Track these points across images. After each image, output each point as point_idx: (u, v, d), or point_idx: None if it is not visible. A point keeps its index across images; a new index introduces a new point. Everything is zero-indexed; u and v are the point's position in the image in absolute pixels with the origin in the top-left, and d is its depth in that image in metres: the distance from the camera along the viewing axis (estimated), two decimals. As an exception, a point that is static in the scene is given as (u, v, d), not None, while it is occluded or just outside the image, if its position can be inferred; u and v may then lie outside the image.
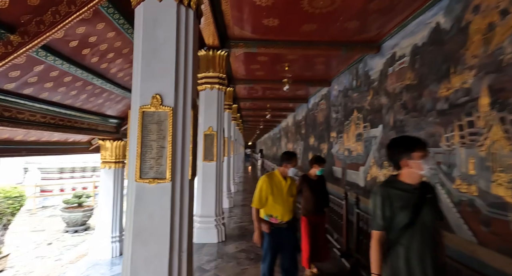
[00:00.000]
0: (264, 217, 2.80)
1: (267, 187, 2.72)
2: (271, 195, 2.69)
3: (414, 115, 4.15)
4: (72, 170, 12.11)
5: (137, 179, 2.04)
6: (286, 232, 2.77)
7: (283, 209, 2.72)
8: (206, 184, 5.20)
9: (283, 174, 2.82)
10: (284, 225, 2.75)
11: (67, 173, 11.93)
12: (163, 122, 2.10)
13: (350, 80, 6.90)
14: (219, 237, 5.10)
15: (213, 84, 5.32)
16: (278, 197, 2.71)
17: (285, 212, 2.74)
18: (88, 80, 3.30)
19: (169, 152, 2.08)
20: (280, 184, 2.77)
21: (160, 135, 2.09)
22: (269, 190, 2.70)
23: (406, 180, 1.65)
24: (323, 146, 9.20)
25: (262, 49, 5.46)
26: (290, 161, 2.79)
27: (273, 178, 2.78)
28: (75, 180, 11.94)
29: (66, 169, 11.88)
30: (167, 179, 2.06)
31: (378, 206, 1.63)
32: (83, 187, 11.46)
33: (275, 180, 2.78)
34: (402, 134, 4.39)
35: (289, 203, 2.78)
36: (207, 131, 5.24)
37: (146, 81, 2.10)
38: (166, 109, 2.09)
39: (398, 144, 1.71)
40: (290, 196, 2.79)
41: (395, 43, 4.72)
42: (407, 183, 1.64)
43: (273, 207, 2.71)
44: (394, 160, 1.71)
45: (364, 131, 6.05)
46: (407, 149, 1.63)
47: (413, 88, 4.18)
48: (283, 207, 2.72)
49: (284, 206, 2.72)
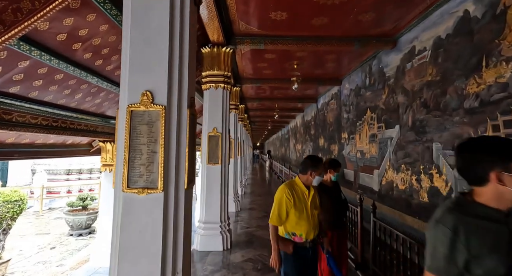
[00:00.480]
0: (284, 236, 2.33)
1: (288, 199, 2.25)
2: (293, 209, 2.24)
3: (436, 115, 3.78)
4: (79, 171, 12.07)
5: (124, 189, 1.77)
6: (311, 253, 2.32)
7: (308, 226, 2.27)
8: (211, 189, 4.92)
9: (307, 184, 2.35)
10: (309, 245, 2.30)
11: (74, 174, 11.88)
12: (154, 123, 1.82)
13: (363, 78, 6.53)
14: (224, 245, 4.81)
15: (218, 83, 5.05)
16: (302, 211, 2.26)
17: (310, 229, 2.28)
18: (82, 78, 3.07)
19: (161, 158, 1.80)
20: (303, 195, 2.32)
21: (151, 138, 1.82)
22: (291, 203, 2.25)
23: (490, 203, 1.04)
24: (333, 148, 8.83)
25: (269, 45, 5.16)
26: (316, 168, 2.31)
27: (294, 188, 2.32)
28: (82, 181, 11.90)
29: (73, 171, 11.84)
30: (159, 189, 1.78)
31: (445, 242, 1.02)
32: (89, 189, 11.38)
33: (297, 190, 2.32)
34: (422, 135, 4.06)
35: (315, 217, 2.33)
36: (211, 132, 4.97)
37: (135, 76, 1.83)
38: (157, 108, 1.82)
39: (485, 149, 1.08)
40: (315, 209, 2.34)
41: (414, 36, 4.35)
42: (493, 208, 1.04)
43: (296, 223, 2.26)
44: (475, 172, 1.08)
45: (378, 132, 5.68)
46: (503, 156, 1.03)
47: (435, 85, 3.81)
48: (308, 222, 2.26)
49: (309, 221, 2.26)
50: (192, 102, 2.06)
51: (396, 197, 4.82)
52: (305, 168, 2.33)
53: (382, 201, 5.20)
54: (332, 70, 7.33)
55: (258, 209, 8.26)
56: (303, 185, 2.34)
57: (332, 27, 4.65)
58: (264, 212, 7.66)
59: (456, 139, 3.35)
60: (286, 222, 2.28)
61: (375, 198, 5.58)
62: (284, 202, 2.26)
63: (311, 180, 2.32)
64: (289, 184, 2.37)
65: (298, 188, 2.33)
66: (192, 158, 2.02)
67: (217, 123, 4.99)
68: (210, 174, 4.95)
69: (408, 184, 4.47)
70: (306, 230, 2.27)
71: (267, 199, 10.14)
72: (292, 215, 2.25)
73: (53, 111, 3.49)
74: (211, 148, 4.97)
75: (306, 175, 2.32)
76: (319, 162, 2.36)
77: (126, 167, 1.78)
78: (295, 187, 2.34)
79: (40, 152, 4.52)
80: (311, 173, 2.30)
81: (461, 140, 1.24)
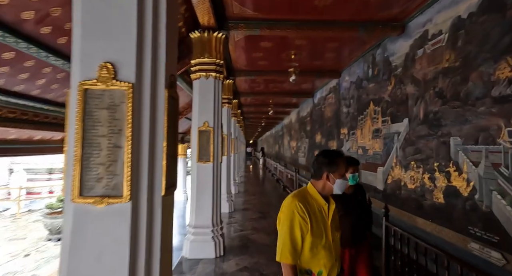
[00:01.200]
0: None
1: (303, 219, 1.47)
2: (309, 234, 1.47)
3: (455, 105, 3.36)
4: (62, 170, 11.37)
5: (75, 198, 1.27)
6: None
7: (331, 257, 1.51)
8: (201, 190, 4.43)
9: (324, 193, 1.59)
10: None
11: (57, 174, 11.19)
12: (118, 107, 1.32)
13: (365, 69, 6.10)
14: (217, 252, 4.33)
15: (209, 72, 4.53)
16: (321, 236, 1.49)
17: (333, 262, 1.53)
18: (41, 59, 2.52)
19: (128, 155, 1.31)
20: (321, 213, 1.55)
21: (114, 128, 1.32)
22: (307, 226, 1.47)
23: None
24: (331, 144, 8.42)
25: (265, 30, 4.67)
26: (335, 166, 1.56)
27: (308, 202, 1.54)
28: (65, 181, 11.19)
29: (56, 170, 11.14)
30: (124, 197, 1.29)
31: None
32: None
33: (312, 205, 1.54)
34: (436, 128, 3.64)
35: (337, 244, 1.61)
36: (202, 127, 4.46)
37: (90, 40, 1.32)
38: (122, 86, 1.32)
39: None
40: (336, 230, 1.62)
41: (427, 19, 3.92)
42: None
43: (313, 256, 1.49)
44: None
45: (383, 126, 5.26)
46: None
47: (453, 72, 3.39)
48: (329, 253, 1.51)
49: (331, 251, 1.52)
50: (172, 81, 1.57)
51: (405, 197, 4.42)
52: (318, 170, 1.59)
53: (387, 201, 4.79)
54: (331, 61, 6.89)
55: (253, 209, 7.81)
56: (320, 196, 1.57)
57: (335, 10, 4.19)
58: (259, 213, 7.21)
59: (481, 132, 2.94)
60: (302, 254, 1.50)
61: (380, 197, 5.19)
62: (298, 225, 1.46)
63: (330, 187, 1.57)
64: (299, 196, 1.57)
65: (313, 202, 1.56)
66: (172, 155, 1.53)
67: (208, 117, 4.49)
68: (201, 173, 4.45)
69: (419, 183, 4.07)
70: (328, 264, 1.50)
71: (261, 198, 9.70)
72: (308, 244, 1.47)
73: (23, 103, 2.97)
74: (201, 145, 4.47)
75: (322, 180, 1.57)
76: (338, 157, 1.60)
77: (77, 168, 1.28)
78: (309, 199, 1.56)
79: (12, 149, 3.98)
80: (327, 176, 1.56)
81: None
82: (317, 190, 1.59)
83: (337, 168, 1.57)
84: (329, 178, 1.56)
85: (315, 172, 1.62)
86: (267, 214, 7.17)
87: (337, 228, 1.65)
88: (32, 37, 2.19)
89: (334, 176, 1.56)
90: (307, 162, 11.45)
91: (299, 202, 1.51)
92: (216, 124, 4.54)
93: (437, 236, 3.57)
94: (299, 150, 13.24)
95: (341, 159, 1.61)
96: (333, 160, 1.59)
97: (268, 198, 10.01)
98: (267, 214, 7.11)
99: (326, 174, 1.57)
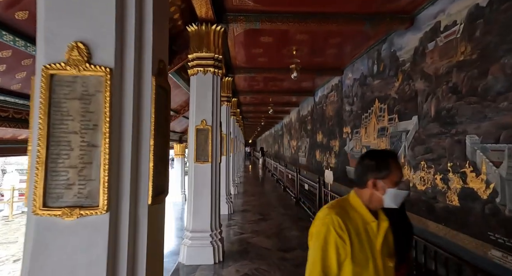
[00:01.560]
0: None
1: (340, 239, 1.11)
2: (349, 259, 1.11)
3: (471, 101, 3.13)
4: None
5: (37, 209, 1.02)
6: None
7: None
8: (199, 191, 4.18)
9: (372, 206, 1.21)
10: None
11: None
12: (93, 98, 1.08)
13: (370, 66, 5.87)
14: (215, 257, 4.09)
15: (207, 67, 4.29)
16: (366, 263, 1.13)
17: None
18: (20, 49, 2.26)
19: (105, 155, 1.06)
20: (366, 232, 1.17)
21: (88, 123, 1.07)
22: (346, 248, 1.11)
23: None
24: (333, 143, 8.19)
25: (266, 24, 4.42)
26: (386, 171, 1.18)
27: (350, 217, 1.17)
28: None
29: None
30: (100, 208, 1.05)
31: None
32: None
33: (354, 221, 1.17)
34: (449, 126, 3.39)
35: (390, 274, 1.21)
36: (199, 125, 4.22)
37: (57, 14, 1.07)
38: (98, 72, 1.07)
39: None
40: (388, 257, 1.21)
41: (439, 10, 3.68)
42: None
43: None
44: None
45: (389, 124, 5.03)
46: None
47: (470, 65, 3.15)
48: None
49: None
50: (162, 68, 1.32)
51: (414, 199, 4.18)
52: (362, 175, 1.22)
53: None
54: (333, 58, 6.64)
55: (253, 211, 7.57)
56: (366, 210, 1.19)
57: (340, 2, 3.95)
58: (259, 215, 6.97)
59: (503, 130, 2.71)
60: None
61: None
62: (333, 246, 1.10)
63: (379, 198, 1.18)
64: (338, 208, 1.19)
65: (356, 217, 1.18)
66: (161, 156, 1.29)
67: (207, 115, 4.25)
68: (199, 174, 4.21)
69: (430, 184, 3.83)
70: None
71: (261, 199, 9.47)
72: (347, 274, 1.10)
73: (2, 98, 2.71)
74: (199, 144, 4.23)
75: (367, 188, 1.20)
76: (389, 159, 1.21)
77: (41, 172, 1.03)
78: (352, 214, 1.18)
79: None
80: (374, 183, 1.18)
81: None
82: (363, 202, 1.20)
83: (389, 173, 1.17)
84: (377, 186, 1.17)
85: (359, 178, 1.23)
86: (267, 215, 6.93)
87: (390, 254, 1.22)
88: (6, 23, 1.94)
89: (384, 183, 1.17)
90: (308, 161, 11.23)
91: (336, 216, 1.13)
92: (215, 122, 4.30)
93: (450, 241, 3.34)
94: (299, 149, 13.01)
95: (393, 161, 1.20)
96: (383, 162, 1.19)
97: (268, 198, 9.78)
98: (267, 216, 6.88)
99: (373, 180, 1.18)
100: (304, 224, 6.09)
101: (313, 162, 10.41)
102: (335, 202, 1.27)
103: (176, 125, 9.37)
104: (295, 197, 8.92)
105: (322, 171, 8.46)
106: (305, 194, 8.06)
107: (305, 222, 6.28)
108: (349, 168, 6.94)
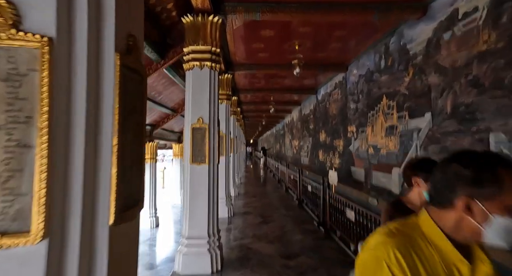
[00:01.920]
0: None
1: None
2: None
3: (496, 95, 2.81)
4: None
5: None
6: None
7: None
8: (195, 195, 3.88)
9: (460, 237, 0.75)
10: None
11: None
12: (24, 78, 0.77)
13: (377, 60, 5.55)
14: (213, 266, 3.78)
15: (204, 61, 3.97)
16: None
17: None
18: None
19: (41, 160, 0.75)
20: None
21: (17, 114, 0.76)
22: None
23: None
24: (337, 143, 7.87)
25: (267, 15, 4.10)
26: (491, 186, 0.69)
27: (419, 253, 0.74)
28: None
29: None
30: (33, 234, 0.74)
31: None
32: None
33: (429, 257, 0.74)
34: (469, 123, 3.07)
35: None
36: (196, 123, 3.91)
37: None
38: (31, 42, 0.76)
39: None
40: None
41: (456, -4, 3.36)
42: None
43: None
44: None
45: (399, 122, 4.71)
46: None
47: (494, 55, 2.84)
48: None
49: None
50: (132, 44, 1.01)
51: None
52: (444, 190, 0.76)
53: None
54: (337, 53, 6.32)
55: (254, 213, 7.26)
56: (450, 244, 0.75)
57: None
58: (261, 218, 6.66)
59: (537, 127, 2.39)
60: None
61: (396, 202, 4.63)
62: None
63: (475, 227, 0.71)
64: (402, 236, 0.77)
65: (431, 252, 0.75)
66: (134, 159, 0.98)
67: (203, 112, 3.94)
68: (195, 177, 3.90)
69: (446, 187, 3.51)
70: None
71: (262, 200, 9.16)
72: None
73: None
74: (195, 144, 3.92)
75: (453, 210, 0.75)
76: (499, 166, 0.70)
77: None
78: (424, 247, 0.76)
79: None
80: (468, 204, 0.72)
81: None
82: (444, 230, 0.76)
83: (498, 191, 0.69)
84: (472, 210, 0.72)
85: (438, 193, 0.79)
86: (269, 218, 6.62)
87: None
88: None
89: (487, 206, 0.70)
90: (310, 161, 10.91)
91: (397, 251, 0.72)
92: (212, 120, 3.99)
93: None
94: (301, 149, 12.69)
95: (507, 171, 0.70)
96: (487, 173, 0.70)
97: (269, 199, 9.48)
98: (269, 218, 6.57)
99: (466, 200, 0.72)
100: (307, 227, 5.78)
101: (315, 162, 10.09)
102: (398, 226, 0.81)
103: (174, 124, 9.07)
104: (298, 199, 8.59)
105: (325, 172, 8.13)
106: (308, 195, 7.73)
107: (308, 225, 5.96)
108: (354, 168, 6.62)
